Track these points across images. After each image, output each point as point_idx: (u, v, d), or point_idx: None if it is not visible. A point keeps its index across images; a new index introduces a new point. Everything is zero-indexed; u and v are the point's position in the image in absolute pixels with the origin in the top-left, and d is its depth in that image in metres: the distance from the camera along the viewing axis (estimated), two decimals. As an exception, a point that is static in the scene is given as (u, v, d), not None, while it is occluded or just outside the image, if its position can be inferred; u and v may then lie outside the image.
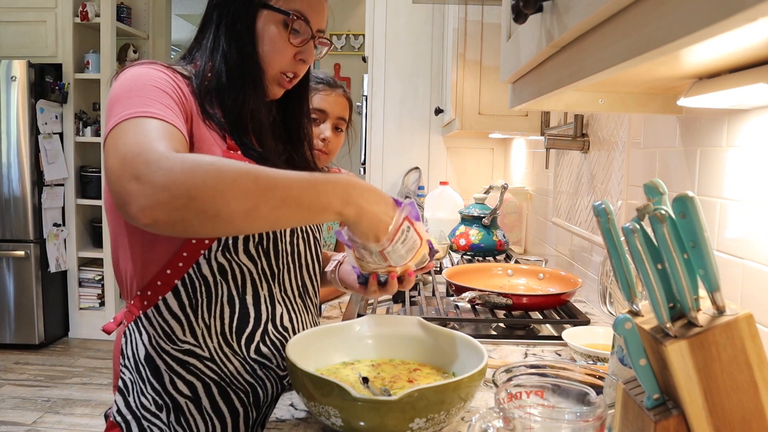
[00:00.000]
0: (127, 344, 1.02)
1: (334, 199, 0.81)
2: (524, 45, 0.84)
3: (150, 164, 0.74)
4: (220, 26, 1.01)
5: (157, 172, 0.73)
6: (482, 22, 2.27)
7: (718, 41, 0.50)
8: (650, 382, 0.62)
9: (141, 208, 0.73)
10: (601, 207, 0.65)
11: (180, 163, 0.74)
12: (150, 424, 0.99)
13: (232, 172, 0.75)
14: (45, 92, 4.10)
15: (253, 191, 0.75)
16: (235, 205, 0.74)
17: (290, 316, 1.07)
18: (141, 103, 0.85)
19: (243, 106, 1.00)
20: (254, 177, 0.76)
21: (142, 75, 0.90)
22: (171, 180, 0.73)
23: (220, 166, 0.75)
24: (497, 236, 2.19)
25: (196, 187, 0.73)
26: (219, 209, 0.74)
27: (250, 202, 0.75)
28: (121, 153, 0.77)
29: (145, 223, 0.74)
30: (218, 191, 0.73)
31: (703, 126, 1.08)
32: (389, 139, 3.32)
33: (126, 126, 0.81)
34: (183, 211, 0.73)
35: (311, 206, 0.80)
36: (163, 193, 0.72)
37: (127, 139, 0.78)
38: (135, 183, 0.73)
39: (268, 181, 0.77)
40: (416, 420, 0.81)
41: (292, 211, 0.79)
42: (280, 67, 1.02)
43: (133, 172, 0.74)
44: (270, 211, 0.77)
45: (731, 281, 0.97)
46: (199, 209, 0.73)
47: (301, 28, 1.01)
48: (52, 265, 4.20)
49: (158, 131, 0.81)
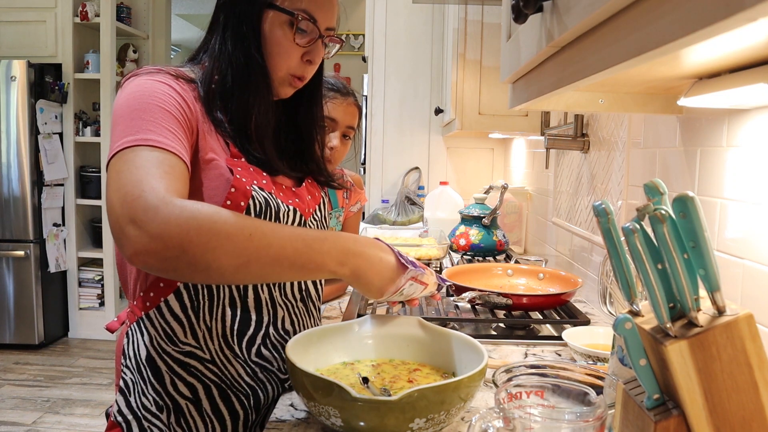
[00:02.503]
0: (129, 344, 1.02)
1: (328, 259, 0.83)
2: (524, 45, 0.84)
3: (148, 210, 0.75)
4: (226, 28, 1.00)
5: (153, 220, 0.74)
6: (482, 22, 2.27)
7: (718, 41, 0.50)
8: (650, 382, 0.62)
9: (135, 252, 0.75)
10: (601, 207, 0.65)
11: (177, 213, 0.75)
12: (150, 424, 0.99)
13: (227, 228, 0.77)
14: (45, 92, 4.10)
15: (246, 248, 0.77)
16: (226, 261, 0.76)
17: (291, 319, 1.07)
18: (143, 127, 0.85)
19: (248, 109, 0.99)
20: (249, 234, 0.78)
21: (146, 91, 0.90)
22: (166, 231, 0.74)
23: (217, 219, 0.77)
24: (497, 236, 2.19)
25: (190, 241, 0.74)
26: (209, 263, 0.76)
27: (242, 259, 0.77)
28: (121, 191, 0.78)
29: (138, 266, 0.77)
30: (210, 247, 0.75)
31: (703, 126, 1.08)
32: (389, 139, 3.32)
33: (127, 157, 0.82)
34: (174, 262, 0.75)
35: (304, 266, 0.82)
36: (157, 243, 0.74)
37: (129, 175, 0.79)
38: (132, 227, 0.75)
39: (262, 240, 0.78)
40: (416, 420, 0.81)
41: (284, 269, 0.81)
42: (287, 68, 1.01)
43: (131, 216, 0.75)
44: (261, 268, 0.79)
45: (731, 281, 0.97)
46: (190, 262, 0.75)
47: (308, 27, 0.99)
48: (51, 265, 4.20)
49: (159, 167, 0.81)
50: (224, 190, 0.94)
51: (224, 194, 0.93)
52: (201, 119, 0.95)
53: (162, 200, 0.76)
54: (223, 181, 0.94)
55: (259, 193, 0.97)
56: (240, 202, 0.94)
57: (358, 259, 0.86)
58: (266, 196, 0.98)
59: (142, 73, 0.94)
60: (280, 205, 1.00)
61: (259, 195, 0.97)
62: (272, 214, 0.99)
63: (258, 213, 0.96)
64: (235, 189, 0.94)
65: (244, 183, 0.95)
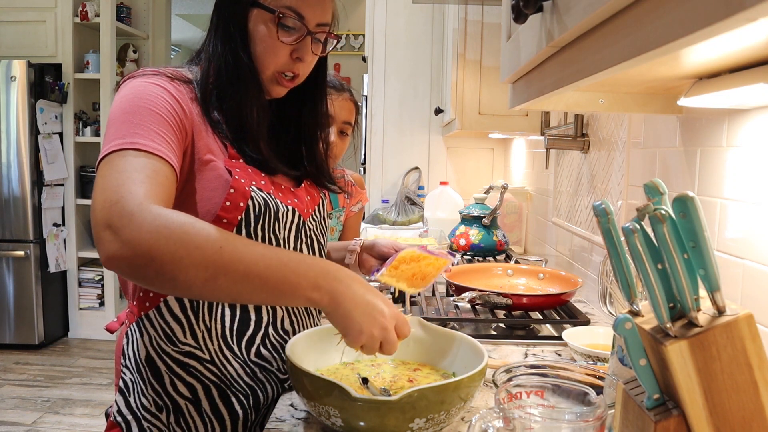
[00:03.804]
0: (129, 345, 1.02)
1: (304, 281, 0.78)
2: (524, 45, 0.84)
3: (123, 216, 0.75)
4: (217, 29, 1.00)
5: (126, 227, 0.74)
6: (482, 22, 2.27)
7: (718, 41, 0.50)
8: (650, 382, 0.62)
9: (108, 257, 0.75)
10: (602, 207, 0.65)
11: (150, 221, 0.75)
12: (150, 424, 0.99)
13: (197, 240, 0.75)
14: (45, 92, 4.10)
15: (214, 262, 0.75)
16: (193, 273, 0.75)
17: (291, 319, 1.06)
18: (133, 131, 0.85)
19: (241, 108, 0.99)
20: (219, 247, 0.76)
21: (139, 95, 0.90)
22: (136, 238, 0.74)
23: (188, 230, 0.76)
24: (497, 236, 2.19)
25: (158, 249, 0.74)
26: (176, 274, 0.75)
27: (209, 272, 0.75)
28: (102, 195, 0.78)
29: (112, 270, 0.77)
30: (177, 257, 0.74)
31: (703, 126, 1.08)
32: (389, 139, 3.32)
33: (114, 161, 0.82)
34: (144, 270, 0.75)
35: (276, 286, 0.78)
36: (127, 249, 0.74)
37: (111, 180, 0.79)
38: (107, 232, 0.75)
39: (233, 254, 0.76)
40: (416, 420, 0.81)
41: (255, 288, 0.77)
42: (276, 66, 1.00)
43: (107, 220, 0.76)
44: (230, 284, 0.76)
45: (731, 281, 0.97)
46: (158, 270, 0.75)
47: (295, 24, 0.98)
48: (51, 265, 4.20)
49: (142, 171, 0.81)
50: (223, 191, 0.94)
51: (223, 195, 0.93)
52: (198, 121, 0.95)
53: (138, 206, 0.76)
54: (222, 182, 0.94)
55: (258, 194, 0.97)
56: (239, 203, 0.94)
57: (338, 285, 0.79)
58: (265, 196, 0.98)
59: (138, 76, 0.94)
60: (279, 206, 1.00)
61: (258, 195, 0.97)
62: (271, 214, 0.99)
63: (257, 213, 0.96)
64: (234, 190, 0.94)
65: (243, 184, 0.95)
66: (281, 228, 1.01)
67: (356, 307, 0.80)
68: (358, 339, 0.81)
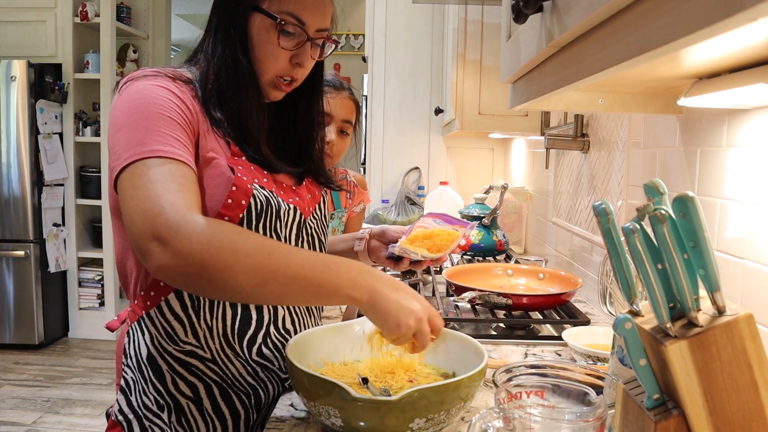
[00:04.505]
0: (130, 344, 1.02)
1: (345, 280, 0.83)
2: (524, 45, 0.84)
3: (170, 227, 0.78)
4: (217, 30, 1.00)
5: (176, 237, 0.77)
6: (482, 22, 2.27)
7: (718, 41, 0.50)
8: (650, 382, 0.62)
9: (159, 267, 0.78)
10: (601, 207, 0.65)
11: (199, 231, 0.78)
12: (151, 423, 0.99)
13: (246, 247, 0.79)
14: (45, 92, 4.10)
15: (264, 267, 0.79)
16: (243, 279, 0.78)
17: (292, 319, 1.06)
18: (149, 138, 0.86)
19: (241, 110, 0.99)
20: (267, 253, 0.80)
21: (146, 98, 0.90)
22: (187, 248, 0.77)
23: (237, 239, 0.79)
24: (497, 236, 2.19)
25: (210, 259, 0.77)
26: (227, 281, 0.78)
27: (260, 278, 0.79)
28: (141, 207, 0.80)
29: (161, 279, 0.80)
30: (229, 265, 0.78)
31: (703, 126, 1.08)
32: (389, 139, 3.32)
33: (140, 170, 0.83)
34: (195, 278, 0.78)
35: (321, 286, 0.82)
36: (179, 259, 0.77)
37: (146, 191, 0.81)
38: (155, 243, 0.78)
39: (281, 259, 0.80)
40: (416, 420, 0.81)
41: (301, 289, 0.82)
42: (275, 71, 1.00)
43: (153, 232, 0.78)
44: (278, 287, 0.80)
45: (731, 281, 0.97)
46: (210, 278, 0.78)
47: (295, 30, 0.98)
48: (51, 265, 4.20)
49: (173, 179, 0.83)
50: (225, 189, 0.94)
51: (226, 193, 0.94)
52: (201, 119, 0.96)
53: (183, 217, 0.78)
54: (225, 179, 0.94)
55: (260, 192, 0.97)
56: (241, 201, 0.94)
57: (375, 283, 0.84)
58: (267, 194, 0.98)
59: (140, 77, 0.94)
60: (280, 204, 1.00)
61: (260, 193, 0.97)
62: (273, 212, 0.99)
63: (259, 211, 0.96)
64: (236, 188, 0.94)
65: (245, 182, 0.95)
66: (282, 226, 1.02)
67: (392, 302, 0.84)
68: (395, 332, 0.84)
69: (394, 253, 1.14)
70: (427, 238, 1.18)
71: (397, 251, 1.13)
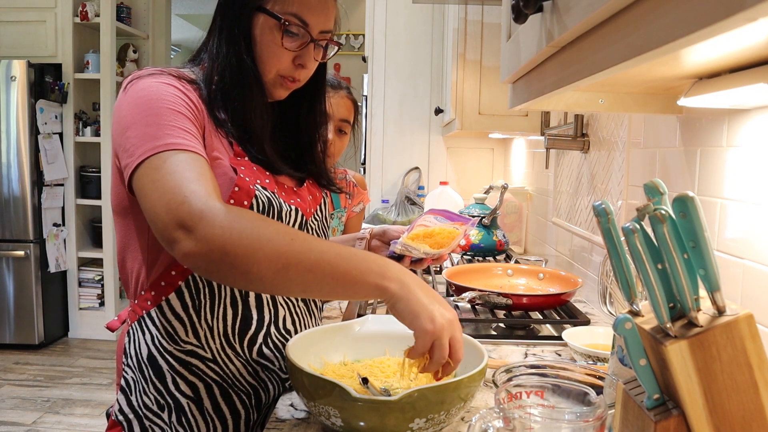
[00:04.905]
0: (130, 344, 1.02)
1: (374, 267, 0.80)
2: (524, 45, 0.84)
3: (193, 215, 0.78)
4: (221, 30, 1.00)
5: (199, 224, 0.78)
6: (482, 22, 2.27)
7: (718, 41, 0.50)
8: (650, 382, 0.62)
9: (184, 254, 0.78)
10: (601, 207, 0.65)
11: (222, 217, 0.78)
12: (152, 423, 0.99)
13: (268, 233, 0.79)
14: (45, 92, 4.10)
15: (286, 252, 0.78)
16: (266, 264, 0.78)
17: (293, 319, 1.07)
18: (162, 132, 0.86)
19: (245, 110, 0.99)
20: (290, 239, 0.79)
21: (153, 95, 0.90)
22: (210, 234, 0.77)
23: (258, 224, 0.79)
24: (497, 236, 2.19)
25: (232, 244, 0.77)
26: (249, 267, 0.78)
27: (281, 263, 0.78)
28: (164, 199, 0.80)
29: (188, 266, 0.81)
30: (251, 249, 0.77)
31: (703, 126, 1.08)
32: (389, 139, 3.32)
33: (157, 164, 0.83)
34: (218, 264, 0.78)
35: (347, 272, 0.79)
36: (203, 245, 0.77)
37: (166, 182, 0.81)
38: (181, 232, 0.78)
39: (303, 244, 0.80)
40: (416, 420, 0.81)
41: (325, 276, 0.79)
42: (278, 71, 1.00)
43: (178, 221, 0.78)
44: (301, 273, 0.79)
45: (731, 281, 0.97)
46: (232, 264, 0.78)
47: (299, 31, 0.98)
48: (51, 265, 4.20)
49: (192, 170, 0.83)
50: (228, 189, 0.94)
51: (228, 193, 0.94)
52: (206, 118, 0.96)
53: (205, 204, 0.79)
54: (227, 180, 0.94)
55: (262, 193, 0.97)
56: (243, 201, 0.94)
57: (405, 275, 0.81)
58: (269, 195, 0.98)
59: (145, 75, 0.94)
60: (282, 205, 1.00)
61: (262, 194, 0.97)
62: (275, 213, 0.99)
63: (261, 212, 0.96)
64: (238, 188, 0.94)
65: (248, 182, 0.95)
66: (284, 228, 1.02)
67: (426, 296, 0.81)
68: (428, 330, 0.80)
69: (395, 251, 1.14)
70: (428, 236, 1.18)
71: (398, 248, 1.13)
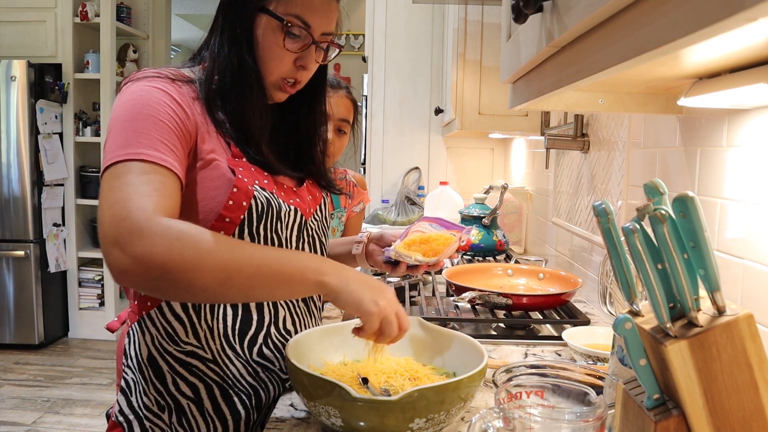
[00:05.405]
0: (130, 344, 1.02)
1: (312, 264, 0.84)
2: (524, 45, 0.84)
3: (132, 233, 0.77)
4: (223, 30, 1.00)
5: (137, 243, 0.76)
6: (482, 22, 2.27)
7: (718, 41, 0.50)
8: (650, 382, 0.62)
9: (119, 273, 0.77)
10: (601, 207, 0.65)
11: (161, 234, 0.77)
12: (152, 424, 0.99)
13: (209, 245, 0.79)
14: (45, 92, 4.10)
15: (227, 262, 0.79)
16: (209, 277, 0.78)
17: (293, 319, 1.06)
18: (136, 140, 0.85)
19: (245, 110, 0.99)
20: (230, 249, 0.80)
21: (141, 100, 0.89)
22: (148, 252, 0.76)
23: (199, 238, 0.79)
24: (497, 236, 2.19)
25: (173, 260, 0.77)
26: (192, 281, 0.78)
27: (224, 273, 0.79)
28: (110, 210, 0.80)
29: (123, 285, 0.80)
30: (193, 265, 0.77)
31: (703, 126, 1.08)
32: (389, 139, 3.32)
33: (119, 171, 0.83)
34: (158, 281, 0.77)
35: (287, 273, 0.82)
36: (140, 265, 0.76)
37: (119, 193, 0.81)
38: (116, 249, 0.77)
39: (243, 252, 0.81)
40: (416, 420, 0.81)
41: (267, 280, 0.81)
42: (280, 73, 1.00)
43: (115, 238, 0.77)
44: (244, 280, 0.80)
45: (731, 281, 0.97)
46: (173, 281, 0.77)
47: (301, 33, 0.98)
48: (51, 265, 4.20)
49: (149, 184, 0.82)
50: (226, 190, 0.94)
51: (226, 194, 0.94)
52: (201, 120, 0.95)
53: (148, 221, 0.78)
54: (225, 181, 0.94)
55: (261, 193, 0.97)
56: (242, 202, 0.94)
57: (341, 269, 0.85)
58: (268, 195, 0.98)
59: (140, 78, 0.94)
60: (281, 205, 1.00)
61: (261, 195, 0.97)
62: (274, 213, 0.99)
63: (260, 212, 0.96)
64: (237, 189, 0.94)
65: (246, 183, 0.95)
66: (283, 227, 1.01)
67: (363, 284, 0.85)
68: (373, 312, 0.84)
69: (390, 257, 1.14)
70: (424, 242, 1.17)
71: (392, 255, 1.13)
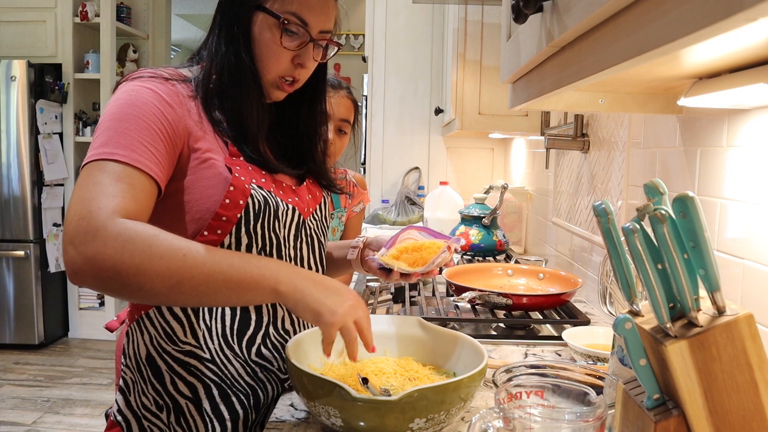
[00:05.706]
0: (129, 344, 1.02)
1: (266, 272, 0.82)
2: (524, 45, 0.84)
3: (87, 232, 0.77)
4: (221, 29, 1.00)
5: (90, 243, 0.77)
6: (482, 22, 2.27)
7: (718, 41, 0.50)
8: (650, 382, 0.62)
9: (72, 272, 0.78)
10: (601, 207, 0.65)
11: (114, 236, 0.77)
12: (150, 424, 0.99)
13: (161, 250, 0.79)
14: (45, 92, 4.10)
15: (178, 269, 0.79)
16: (158, 282, 0.78)
17: (292, 319, 1.06)
18: (116, 140, 0.85)
19: (242, 109, 0.99)
20: (182, 255, 0.79)
21: (131, 100, 0.89)
22: (100, 254, 0.76)
23: (152, 242, 0.79)
24: (497, 236, 2.19)
25: (123, 264, 0.77)
26: (141, 285, 0.78)
27: (174, 279, 0.79)
28: (76, 207, 0.80)
29: (77, 284, 0.80)
30: (142, 269, 0.77)
31: (703, 126, 1.08)
32: (389, 139, 3.32)
33: (92, 170, 0.83)
34: (109, 282, 0.78)
35: (240, 281, 0.81)
36: (91, 265, 0.77)
37: (85, 191, 0.81)
38: (71, 247, 0.77)
39: (196, 258, 0.80)
40: (416, 420, 0.81)
41: (219, 287, 0.81)
42: (278, 71, 1.00)
43: (71, 237, 0.78)
44: (195, 286, 0.80)
45: (731, 281, 0.97)
46: (123, 283, 0.78)
47: (298, 30, 0.98)
48: (51, 265, 4.20)
49: (116, 185, 0.82)
50: (223, 189, 0.94)
51: (223, 193, 0.93)
52: (196, 120, 0.95)
53: (103, 222, 0.78)
54: (222, 180, 0.94)
55: (258, 192, 0.97)
56: (239, 201, 0.94)
57: (298, 275, 0.84)
58: (265, 194, 0.98)
59: (134, 78, 0.94)
60: (279, 204, 1.00)
61: (258, 193, 0.97)
62: (271, 212, 0.99)
63: (257, 211, 0.96)
64: (233, 188, 0.94)
65: (243, 182, 0.95)
66: (281, 226, 1.01)
67: (321, 290, 0.84)
68: (333, 320, 0.83)
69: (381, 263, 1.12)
70: (416, 250, 1.14)
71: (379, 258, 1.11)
